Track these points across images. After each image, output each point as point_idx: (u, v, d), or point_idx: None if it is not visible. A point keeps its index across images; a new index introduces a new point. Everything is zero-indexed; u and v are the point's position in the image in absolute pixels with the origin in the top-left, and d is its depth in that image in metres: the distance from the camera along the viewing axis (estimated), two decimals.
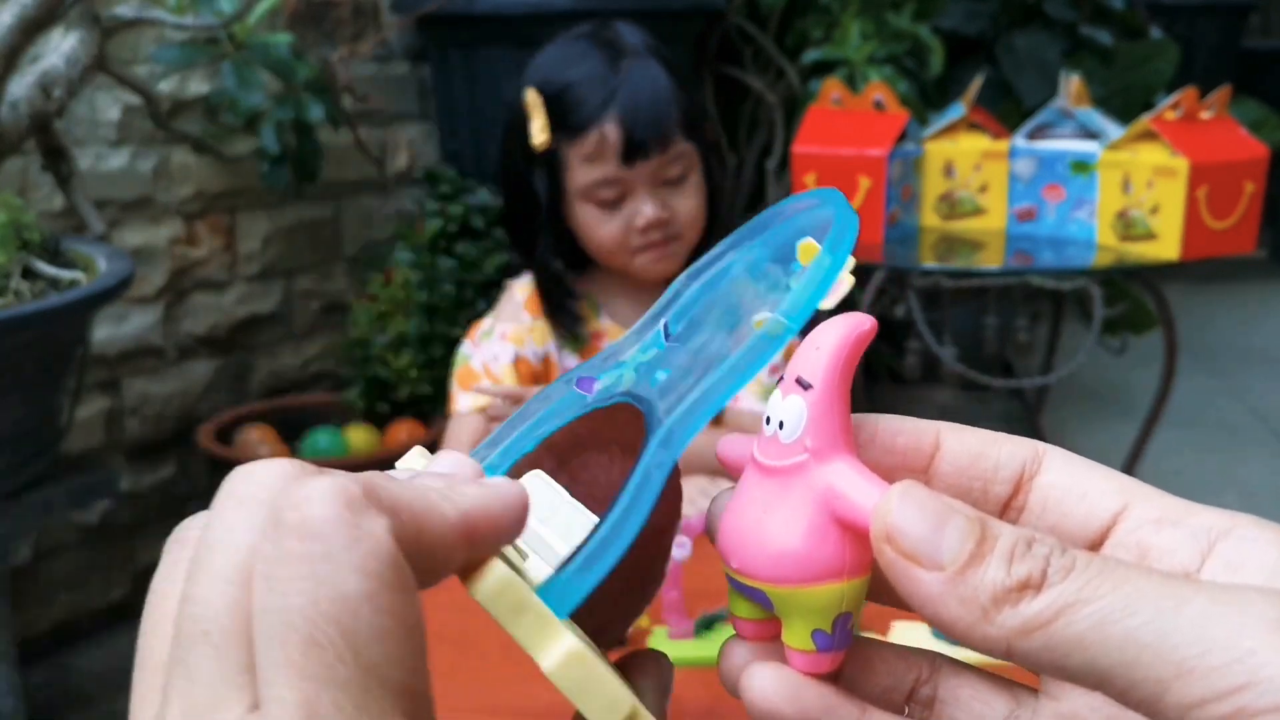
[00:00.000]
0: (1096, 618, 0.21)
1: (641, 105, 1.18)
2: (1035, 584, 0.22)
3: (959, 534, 0.23)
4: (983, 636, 0.23)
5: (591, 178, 1.19)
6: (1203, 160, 1.44)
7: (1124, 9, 2.31)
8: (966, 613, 0.23)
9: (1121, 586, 0.21)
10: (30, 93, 1.21)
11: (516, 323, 1.28)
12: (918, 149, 1.63)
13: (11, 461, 1.15)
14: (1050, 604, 0.22)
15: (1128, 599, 0.21)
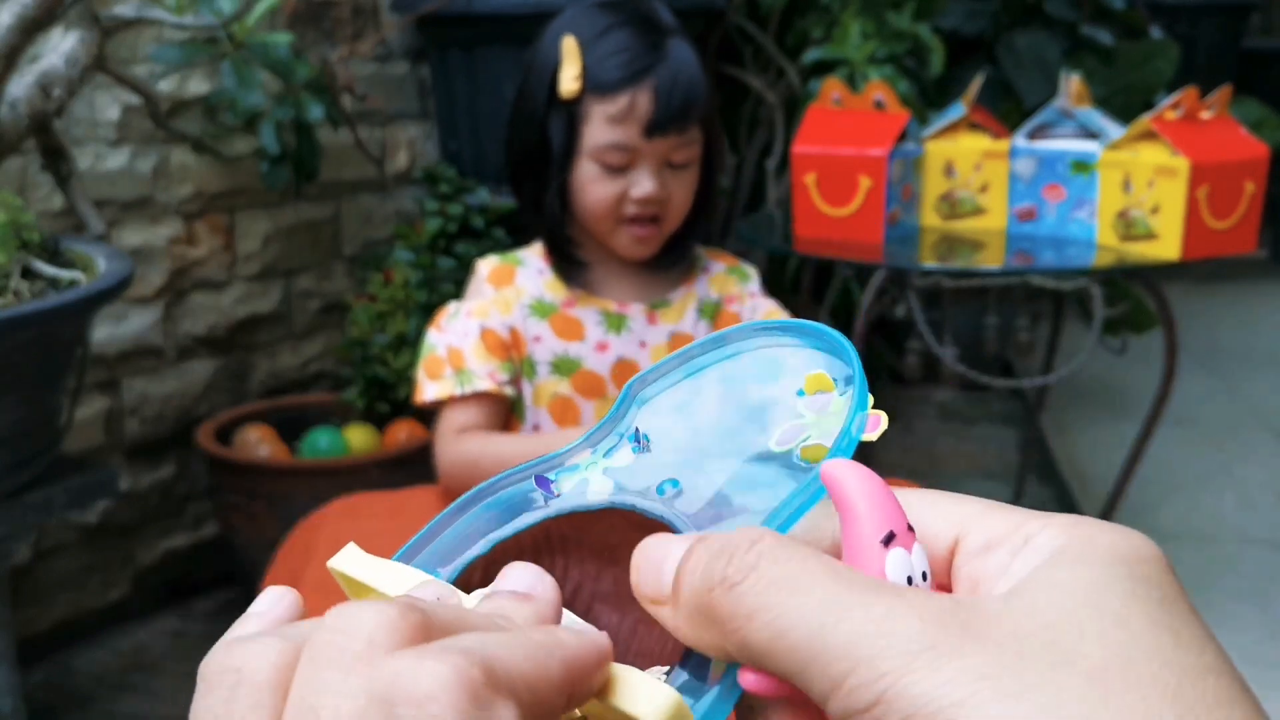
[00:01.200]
0: (770, 629, 0.23)
1: (680, 82, 1.20)
2: (725, 581, 0.24)
3: (672, 563, 0.26)
4: (717, 646, 0.25)
5: (609, 139, 1.20)
6: (1203, 160, 1.43)
7: (1124, 8, 2.31)
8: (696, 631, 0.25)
9: (793, 597, 0.23)
10: (30, 92, 1.21)
11: (480, 298, 1.29)
12: (918, 149, 1.63)
13: (11, 461, 1.14)
14: (739, 602, 0.24)
15: (794, 612, 0.23)
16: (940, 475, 2.39)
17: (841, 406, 0.31)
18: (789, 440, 0.31)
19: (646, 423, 0.33)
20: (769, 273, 2.25)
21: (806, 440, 0.31)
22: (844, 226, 1.56)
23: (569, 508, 0.33)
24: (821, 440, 0.31)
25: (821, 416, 0.31)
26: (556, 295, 1.28)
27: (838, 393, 0.31)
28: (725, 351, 0.33)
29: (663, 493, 0.32)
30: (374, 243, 2.21)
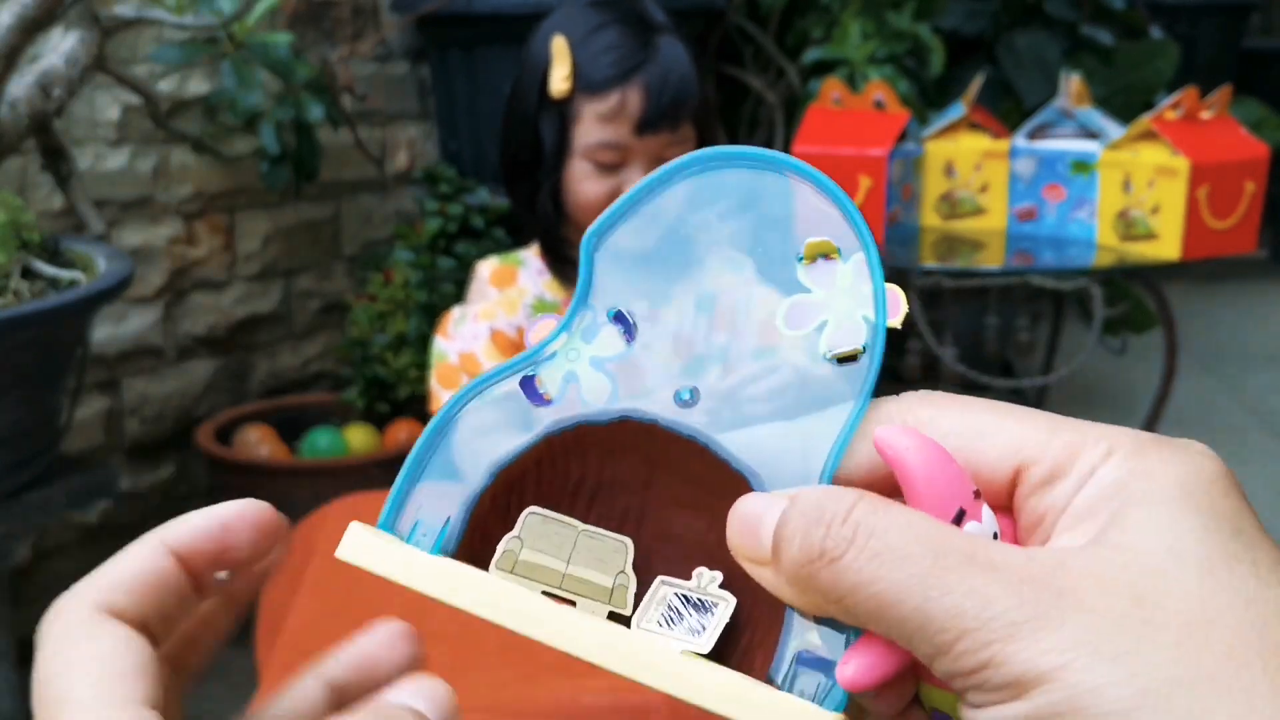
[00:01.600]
0: (875, 602, 0.25)
1: (670, 79, 1.20)
2: (822, 556, 0.25)
3: (769, 526, 0.26)
4: (821, 608, 0.26)
5: (599, 138, 1.20)
6: (1203, 160, 1.43)
7: (1124, 8, 2.31)
8: (799, 595, 0.26)
9: (895, 572, 0.24)
10: (29, 92, 1.21)
11: (485, 300, 1.29)
12: (918, 149, 1.63)
13: (11, 461, 1.14)
14: (838, 582, 0.25)
15: (898, 587, 0.24)
16: None
17: (850, 279, 0.29)
18: (802, 323, 0.29)
19: (624, 293, 0.30)
20: None
21: (824, 326, 0.29)
22: None
23: (572, 419, 0.30)
24: (842, 328, 0.29)
25: (831, 293, 0.29)
26: (556, 295, 1.28)
27: (842, 260, 0.29)
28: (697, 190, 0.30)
29: (682, 400, 0.30)
30: (374, 243, 2.21)
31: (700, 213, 0.29)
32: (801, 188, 0.29)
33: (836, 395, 0.30)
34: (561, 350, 0.30)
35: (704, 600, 0.29)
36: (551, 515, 0.30)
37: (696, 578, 0.30)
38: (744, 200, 0.29)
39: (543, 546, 0.29)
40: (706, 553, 0.30)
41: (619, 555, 0.30)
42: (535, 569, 0.30)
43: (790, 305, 0.29)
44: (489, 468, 0.30)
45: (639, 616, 0.30)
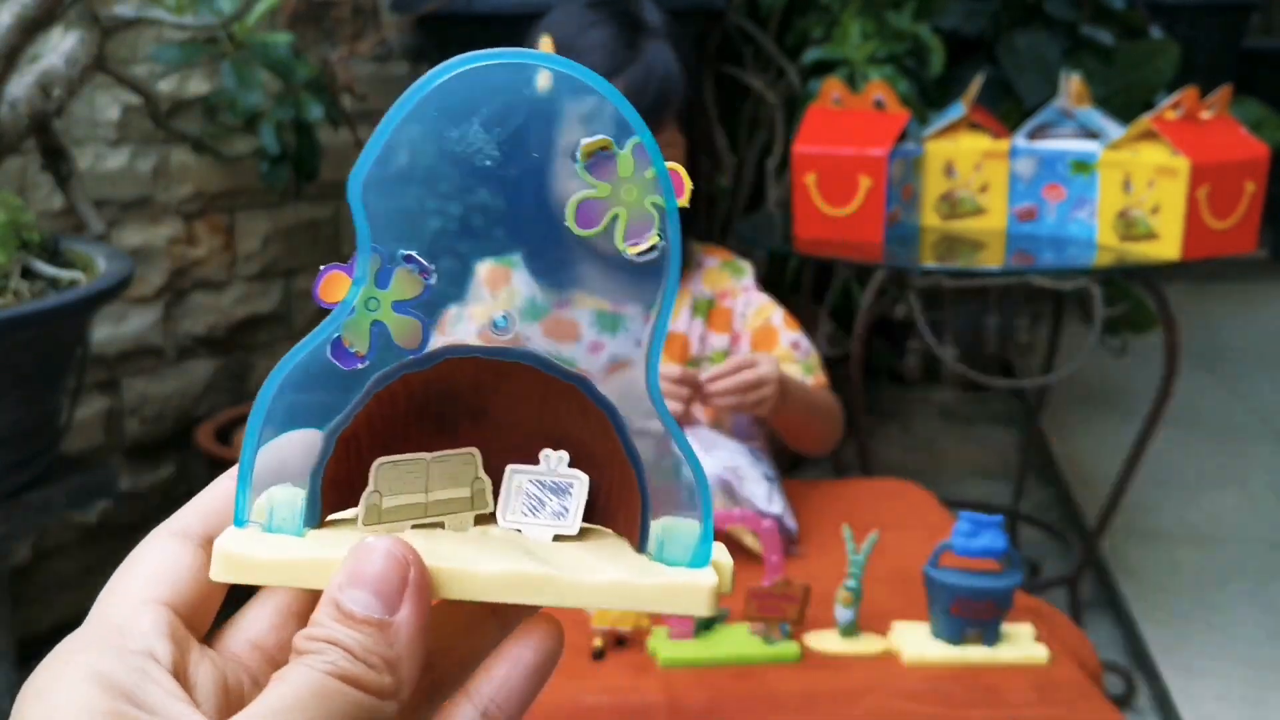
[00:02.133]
0: None
1: (651, 80, 1.20)
2: None
3: None
4: None
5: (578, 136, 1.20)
6: (1203, 160, 1.43)
7: (1125, 8, 2.31)
8: None
9: None
10: (29, 92, 1.21)
11: (479, 301, 1.29)
12: (918, 149, 1.63)
13: (11, 461, 1.14)
14: None
15: None
16: (940, 475, 2.39)
17: (631, 167, 0.29)
18: (592, 221, 0.29)
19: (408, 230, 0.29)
20: (769, 273, 2.25)
21: (615, 221, 0.29)
22: (844, 226, 1.56)
23: (394, 370, 0.30)
24: (634, 220, 0.29)
25: (615, 185, 0.29)
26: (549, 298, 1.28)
27: (618, 149, 0.29)
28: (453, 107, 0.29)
29: (499, 327, 0.31)
30: None
31: (461, 128, 0.29)
32: (561, 85, 0.29)
33: (645, 290, 0.30)
34: (360, 303, 0.29)
35: (558, 483, 0.31)
36: (399, 458, 0.30)
37: (544, 460, 0.31)
38: (506, 108, 0.29)
39: (399, 489, 0.30)
40: (548, 437, 0.31)
41: (469, 465, 0.31)
42: (399, 510, 0.30)
43: (577, 206, 0.29)
44: (325, 437, 0.30)
45: (501, 509, 0.31)
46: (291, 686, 0.27)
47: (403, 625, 0.28)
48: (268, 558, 0.29)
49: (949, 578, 0.98)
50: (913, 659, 0.98)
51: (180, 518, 0.32)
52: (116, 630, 0.28)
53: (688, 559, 0.30)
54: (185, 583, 0.30)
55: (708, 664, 0.97)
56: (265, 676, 0.30)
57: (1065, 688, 0.96)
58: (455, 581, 0.29)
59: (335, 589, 0.28)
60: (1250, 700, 1.67)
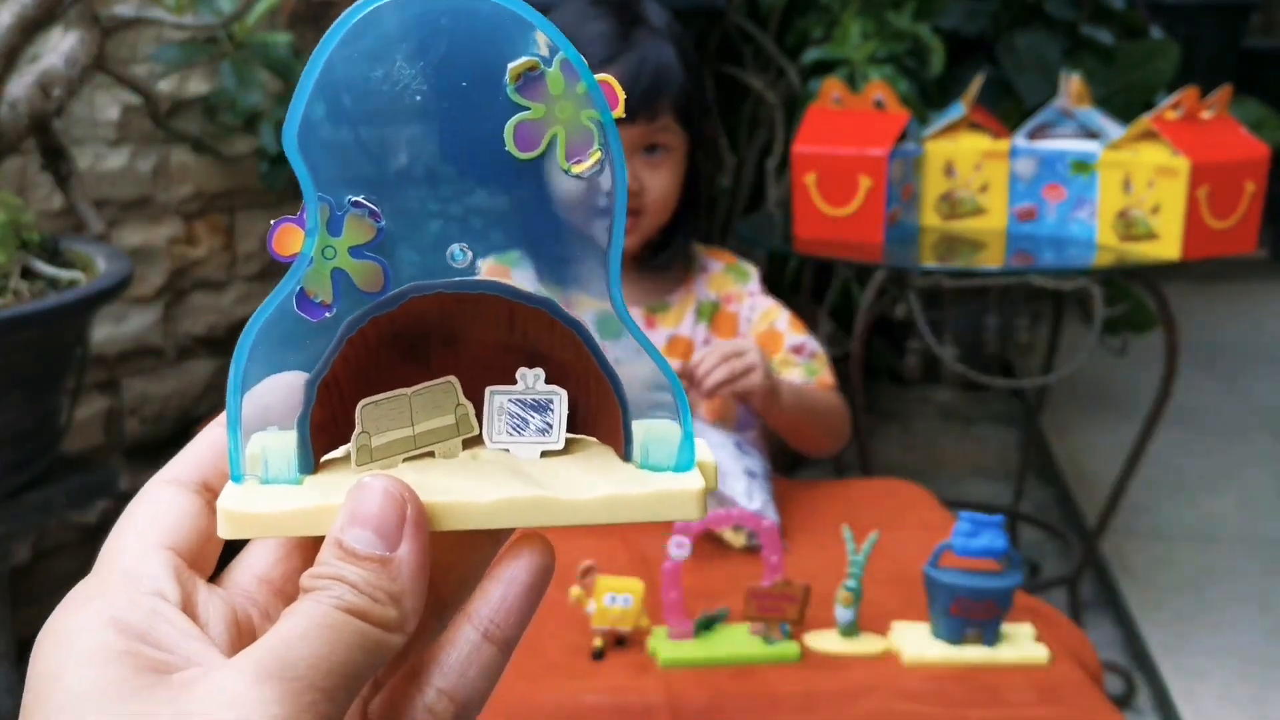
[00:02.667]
0: None
1: (645, 69, 1.20)
2: None
3: None
4: None
5: None
6: (1204, 160, 1.43)
7: (1125, 8, 2.31)
8: None
9: None
10: (29, 92, 1.21)
11: None
12: (918, 148, 1.63)
13: (11, 461, 1.14)
14: None
15: None
16: (940, 475, 2.39)
17: (562, 84, 0.29)
18: (532, 143, 0.29)
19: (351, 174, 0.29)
20: (769, 273, 2.25)
21: (554, 139, 0.29)
22: (844, 226, 1.56)
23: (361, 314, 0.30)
24: (572, 136, 0.29)
25: (549, 104, 0.29)
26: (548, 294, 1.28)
27: (545, 68, 0.29)
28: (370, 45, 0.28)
29: (458, 260, 0.30)
30: None
31: (384, 66, 0.28)
32: (473, 8, 0.28)
33: (594, 207, 0.30)
34: (316, 253, 0.30)
35: (538, 400, 0.32)
36: (381, 398, 0.31)
37: (521, 379, 0.32)
38: (423, 40, 0.28)
39: (386, 426, 0.31)
40: (520, 356, 0.32)
41: (450, 394, 0.32)
42: (389, 447, 0.31)
43: (515, 129, 0.29)
44: (306, 386, 0.31)
45: (487, 430, 0.32)
46: (301, 619, 0.28)
47: (404, 560, 0.29)
48: (271, 510, 0.30)
49: (949, 578, 0.98)
50: (913, 659, 0.98)
51: (173, 467, 0.33)
52: (125, 575, 0.29)
53: (673, 463, 0.31)
54: (186, 528, 0.31)
55: (708, 664, 0.97)
56: (274, 609, 0.31)
57: (1065, 688, 0.96)
58: (452, 513, 0.30)
59: (338, 529, 0.29)
60: (1250, 700, 1.67)
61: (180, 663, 0.28)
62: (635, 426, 0.31)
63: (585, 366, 0.32)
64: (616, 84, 0.29)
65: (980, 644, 0.99)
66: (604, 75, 0.29)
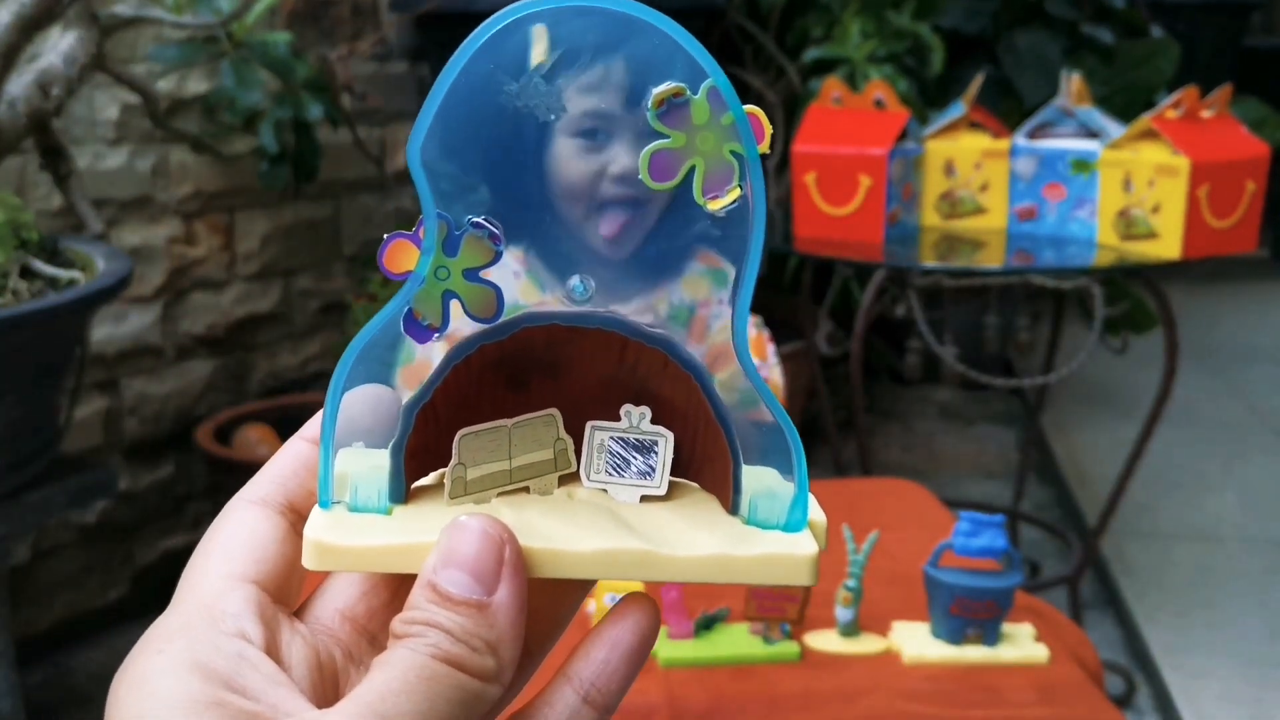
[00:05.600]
0: None
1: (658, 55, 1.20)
2: None
3: None
4: None
5: (584, 107, 1.20)
6: (1204, 159, 1.43)
7: (1125, 7, 2.31)
8: None
9: None
10: (28, 92, 1.21)
11: None
12: (918, 148, 1.62)
13: (10, 461, 1.14)
14: None
15: None
16: (940, 475, 2.39)
17: (708, 114, 0.27)
18: (668, 174, 0.27)
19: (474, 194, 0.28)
20: (769, 272, 2.24)
21: (693, 173, 0.27)
22: (844, 226, 1.56)
23: (471, 341, 0.29)
24: (712, 170, 0.27)
25: (690, 134, 0.27)
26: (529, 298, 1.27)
27: (691, 94, 0.27)
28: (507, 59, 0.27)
29: (579, 293, 0.29)
30: (373, 242, 2.21)
31: (520, 81, 0.27)
32: (631, 27, 0.27)
33: (729, 247, 0.28)
34: (429, 272, 0.28)
35: (642, 440, 0.30)
36: (481, 428, 0.29)
37: (625, 416, 0.30)
38: (564, 57, 0.27)
39: (483, 459, 0.30)
40: (625, 392, 0.30)
41: (550, 427, 0.30)
42: (484, 480, 0.30)
43: (650, 157, 0.27)
44: (404, 412, 0.29)
45: (585, 468, 0.30)
46: (398, 671, 0.26)
47: (501, 606, 0.27)
48: (361, 544, 0.28)
49: (949, 577, 0.98)
50: (913, 659, 0.98)
51: (257, 486, 0.31)
52: (206, 612, 0.28)
53: (782, 521, 0.29)
54: (271, 556, 0.29)
55: (708, 664, 0.97)
56: (357, 648, 0.30)
57: (1065, 688, 0.95)
58: (550, 560, 0.28)
59: (430, 571, 0.27)
60: (1250, 700, 1.67)
61: (268, 712, 0.26)
62: (745, 477, 0.29)
63: (695, 410, 0.30)
64: (764, 117, 0.27)
65: (980, 644, 0.98)
66: (752, 107, 0.27)
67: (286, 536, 0.30)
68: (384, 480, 0.29)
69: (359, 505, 0.29)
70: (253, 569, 0.29)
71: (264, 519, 0.30)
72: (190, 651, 0.27)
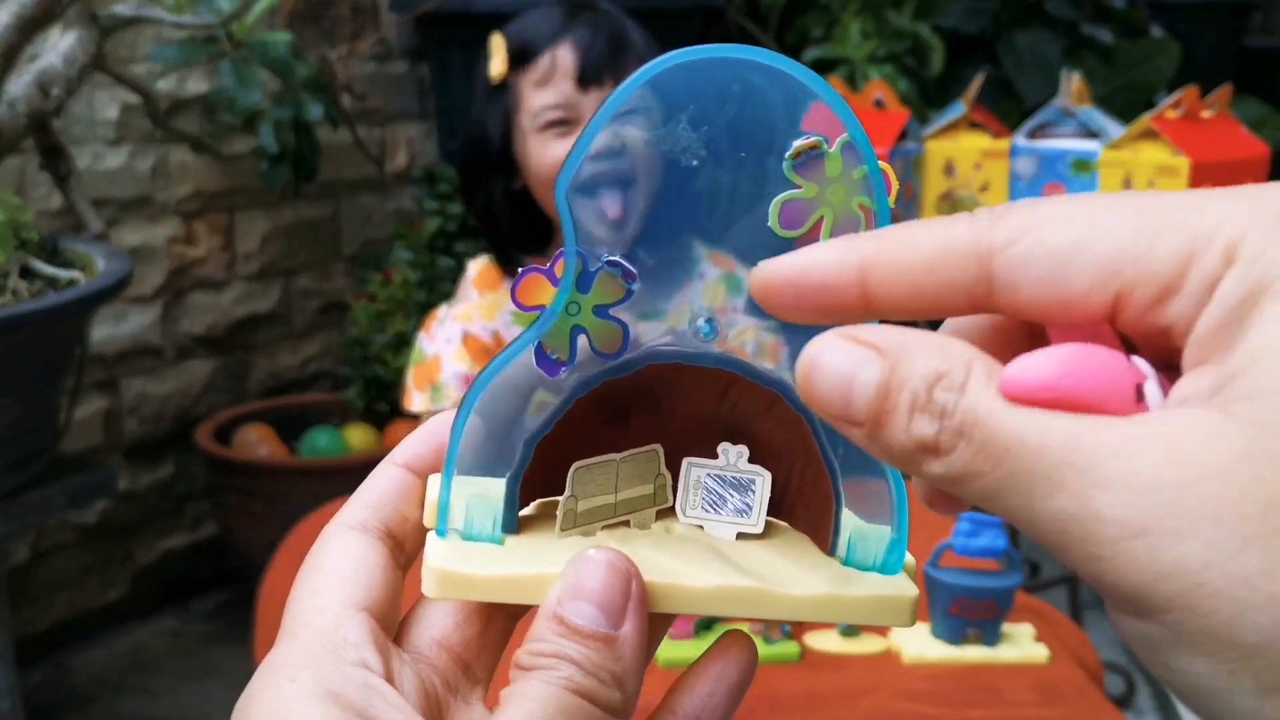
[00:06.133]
0: (984, 493, 0.21)
1: (599, 34, 1.20)
2: (932, 448, 0.22)
3: (866, 391, 0.23)
4: (916, 479, 0.24)
5: (543, 102, 1.20)
6: (1204, 159, 1.43)
7: (1125, 7, 2.31)
8: (893, 461, 0.23)
9: (1001, 464, 0.21)
10: (28, 91, 1.21)
11: (466, 301, 1.28)
12: (918, 148, 1.62)
13: (10, 461, 1.14)
14: (947, 472, 0.22)
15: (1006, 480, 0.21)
16: None
17: (839, 166, 0.27)
18: (797, 223, 0.28)
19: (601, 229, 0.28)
20: None
21: (821, 223, 0.28)
22: None
23: (595, 376, 0.29)
24: (840, 221, 0.28)
25: (822, 186, 0.28)
26: None
27: (827, 148, 0.27)
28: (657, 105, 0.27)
29: (704, 333, 0.29)
30: (373, 242, 2.21)
31: (667, 126, 0.28)
32: (768, 78, 0.27)
33: None
34: (560, 308, 0.29)
35: (739, 478, 0.30)
36: (593, 461, 0.30)
37: (723, 454, 0.30)
38: (712, 104, 0.27)
39: (593, 492, 0.30)
40: (723, 429, 0.31)
41: (653, 462, 0.31)
42: (592, 513, 0.30)
43: (781, 207, 0.28)
44: (524, 445, 0.29)
45: (680, 503, 0.30)
46: (533, 702, 0.26)
47: (627, 640, 0.27)
48: (483, 573, 0.28)
49: (949, 577, 0.98)
50: (913, 659, 0.98)
51: (354, 511, 0.31)
52: (329, 641, 0.28)
53: (880, 563, 0.30)
54: (378, 585, 0.29)
55: None
56: (454, 678, 0.30)
57: (1065, 688, 0.95)
58: (669, 595, 0.28)
59: (555, 603, 0.27)
60: None
61: None
62: (844, 519, 0.30)
63: (792, 451, 0.30)
64: (893, 172, 0.28)
65: (980, 644, 0.98)
66: (883, 163, 0.28)
67: (389, 564, 0.30)
68: (498, 510, 0.29)
69: (473, 534, 0.29)
70: (363, 596, 0.29)
71: (368, 546, 0.30)
72: (321, 682, 0.27)
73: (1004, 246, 0.22)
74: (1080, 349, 0.22)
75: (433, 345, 1.26)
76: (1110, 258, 0.22)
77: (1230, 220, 0.21)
